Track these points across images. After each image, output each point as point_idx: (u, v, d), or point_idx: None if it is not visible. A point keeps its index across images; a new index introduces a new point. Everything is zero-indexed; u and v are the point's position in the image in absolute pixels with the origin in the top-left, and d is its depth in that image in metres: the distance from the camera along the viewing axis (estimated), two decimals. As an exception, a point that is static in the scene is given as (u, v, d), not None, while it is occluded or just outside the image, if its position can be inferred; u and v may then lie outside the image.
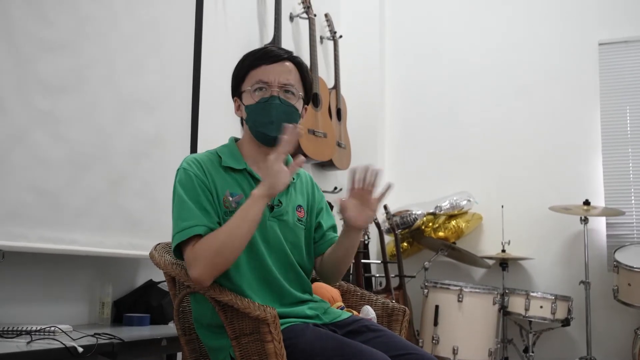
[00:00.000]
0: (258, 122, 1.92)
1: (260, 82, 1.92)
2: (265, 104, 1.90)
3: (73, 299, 2.68)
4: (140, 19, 2.91)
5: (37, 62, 2.36)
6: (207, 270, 1.75)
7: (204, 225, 1.79)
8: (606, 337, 4.41)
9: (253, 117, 1.92)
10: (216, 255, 1.75)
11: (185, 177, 1.87)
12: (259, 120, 1.92)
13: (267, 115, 1.90)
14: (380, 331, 1.93)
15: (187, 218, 1.80)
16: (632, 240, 4.48)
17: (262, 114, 1.91)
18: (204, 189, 1.85)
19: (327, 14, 4.80)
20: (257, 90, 1.92)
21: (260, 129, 1.92)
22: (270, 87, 1.91)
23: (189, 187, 1.85)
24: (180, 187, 1.86)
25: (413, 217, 4.67)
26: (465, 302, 4.11)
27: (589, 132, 4.71)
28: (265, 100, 1.91)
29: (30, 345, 1.89)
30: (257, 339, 1.75)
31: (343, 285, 2.41)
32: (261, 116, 1.91)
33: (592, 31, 4.78)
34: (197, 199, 1.83)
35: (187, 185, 1.86)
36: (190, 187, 1.85)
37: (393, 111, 5.27)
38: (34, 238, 2.30)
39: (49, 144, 2.39)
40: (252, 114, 1.92)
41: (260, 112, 1.91)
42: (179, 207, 1.84)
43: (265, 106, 1.90)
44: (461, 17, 5.19)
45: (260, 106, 1.91)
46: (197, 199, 1.83)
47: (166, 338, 2.42)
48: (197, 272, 1.76)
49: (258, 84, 1.92)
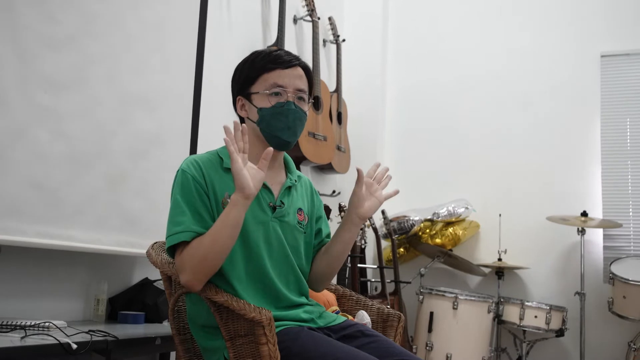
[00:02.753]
0: (273, 126, 1.93)
1: (277, 86, 1.93)
2: (282, 109, 1.92)
3: (68, 295, 2.68)
4: (145, 19, 2.91)
5: (40, 58, 2.36)
6: (195, 277, 1.77)
7: (191, 232, 1.80)
8: (600, 348, 4.42)
9: (267, 120, 1.93)
10: (201, 262, 1.76)
11: (183, 179, 1.87)
12: (274, 125, 1.92)
13: (284, 121, 1.92)
14: (375, 336, 1.93)
15: (179, 222, 1.81)
16: (628, 253, 4.49)
17: (278, 119, 1.92)
18: (201, 192, 1.86)
19: (331, 17, 4.80)
20: (273, 95, 1.93)
21: (276, 133, 1.93)
22: (286, 92, 1.93)
23: (186, 190, 1.85)
24: (177, 189, 1.87)
25: (410, 223, 4.68)
26: (460, 309, 4.11)
27: (588, 143, 4.72)
28: (281, 105, 1.92)
29: (24, 340, 1.89)
30: (251, 340, 1.75)
31: (339, 289, 2.41)
32: (277, 121, 1.92)
33: (595, 43, 4.79)
34: (191, 202, 1.83)
35: (184, 187, 1.86)
36: (186, 190, 1.85)
37: (393, 116, 5.27)
38: (32, 233, 2.30)
39: (49, 140, 2.39)
40: (267, 117, 1.93)
41: (277, 117, 1.92)
42: (173, 210, 1.85)
43: (283, 111, 1.92)
44: (464, 25, 5.20)
45: (277, 110, 1.92)
46: (192, 202, 1.84)
47: (160, 337, 2.42)
48: (185, 279, 1.78)
49: (274, 88, 1.93)
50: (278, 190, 1.99)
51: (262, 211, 1.93)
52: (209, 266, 1.77)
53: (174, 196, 1.87)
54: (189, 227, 1.80)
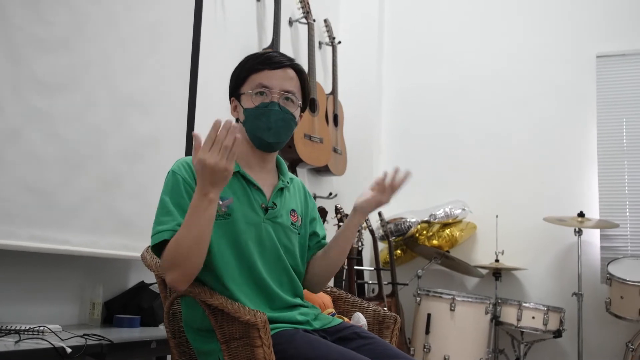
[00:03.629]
0: (255, 126, 1.92)
1: (262, 86, 1.92)
2: (264, 109, 1.91)
3: (63, 299, 2.67)
4: (138, 21, 2.90)
5: (33, 60, 2.35)
6: (178, 276, 1.73)
7: (172, 230, 1.76)
8: (597, 349, 4.41)
9: (251, 120, 1.92)
10: (182, 260, 1.71)
11: (173, 181, 1.86)
12: (256, 125, 1.92)
13: (265, 121, 1.90)
14: (371, 338, 1.92)
15: (163, 222, 1.79)
16: (625, 253, 4.49)
17: (260, 119, 1.91)
18: (190, 193, 1.83)
19: (327, 20, 4.80)
20: (257, 95, 1.92)
21: (257, 134, 1.92)
22: (271, 93, 1.92)
23: (175, 192, 1.84)
24: (166, 190, 1.86)
25: (407, 224, 4.67)
26: (458, 311, 4.11)
27: (585, 144, 4.72)
28: (265, 106, 1.91)
29: (18, 344, 1.88)
30: (246, 343, 1.74)
31: (335, 291, 2.41)
32: (259, 121, 1.91)
33: (590, 44, 4.80)
34: (179, 204, 1.82)
35: (173, 189, 1.85)
36: (175, 192, 1.84)
37: (390, 118, 5.27)
38: (26, 237, 2.29)
39: (43, 142, 2.38)
40: (250, 117, 1.92)
41: (259, 117, 1.91)
42: (159, 210, 1.84)
43: (265, 111, 1.91)
44: (460, 27, 5.20)
45: (259, 111, 1.91)
46: (180, 203, 1.82)
47: (156, 340, 2.41)
48: (169, 278, 1.75)
49: (259, 88, 1.92)
50: (270, 191, 1.98)
51: (254, 212, 1.92)
52: (189, 265, 1.72)
53: (162, 197, 1.86)
54: (172, 226, 1.78)
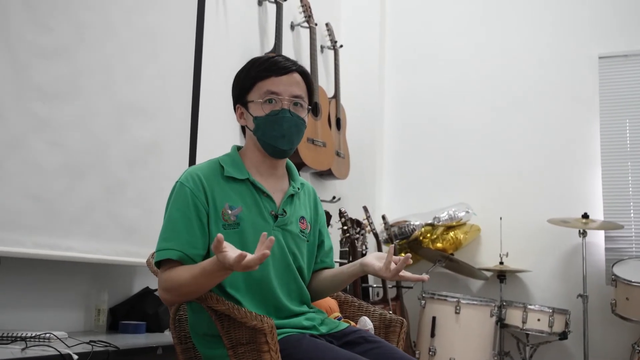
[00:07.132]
0: (268, 134, 1.90)
1: (270, 93, 1.90)
2: (276, 117, 1.89)
3: (69, 306, 2.67)
4: (139, 27, 2.91)
5: (34, 68, 2.35)
6: (171, 299, 1.84)
7: (179, 251, 1.78)
8: (603, 351, 4.40)
9: (262, 129, 1.90)
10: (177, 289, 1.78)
11: (181, 193, 1.85)
12: (269, 133, 1.90)
13: (278, 129, 1.89)
14: (378, 342, 1.91)
15: (169, 238, 1.80)
16: (630, 254, 4.48)
17: (273, 127, 1.89)
18: (198, 206, 1.82)
19: (328, 24, 4.80)
20: (266, 102, 1.90)
21: (271, 142, 1.90)
22: (280, 100, 1.90)
23: (182, 205, 1.83)
24: (174, 203, 1.85)
25: (411, 227, 4.67)
26: (463, 314, 4.10)
27: (588, 145, 4.71)
28: (275, 114, 1.89)
29: (24, 352, 1.88)
30: (253, 349, 1.74)
31: (340, 295, 2.40)
32: (272, 129, 1.89)
33: (593, 44, 4.79)
34: (187, 218, 1.81)
35: (181, 202, 1.83)
36: (183, 205, 1.83)
37: (392, 122, 5.27)
38: (30, 244, 2.29)
39: (45, 150, 2.38)
40: (262, 126, 1.90)
41: (271, 125, 1.89)
42: (166, 224, 1.84)
43: (277, 119, 1.89)
44: (461, 29, 5.20)
45: (271, 119, 1.89)
46: (188, 217, 1.81)
47: (162, 346, 2.41)
48: (163, 296, 1.84)
49: (268, 96, 1.90)
50: (280, 198, 1.96)
51: (264, 220, 1.90)
52: (186, 297, 1.81)
53: (170, 210, 1.85)
54: (179, 244, 1.78)
